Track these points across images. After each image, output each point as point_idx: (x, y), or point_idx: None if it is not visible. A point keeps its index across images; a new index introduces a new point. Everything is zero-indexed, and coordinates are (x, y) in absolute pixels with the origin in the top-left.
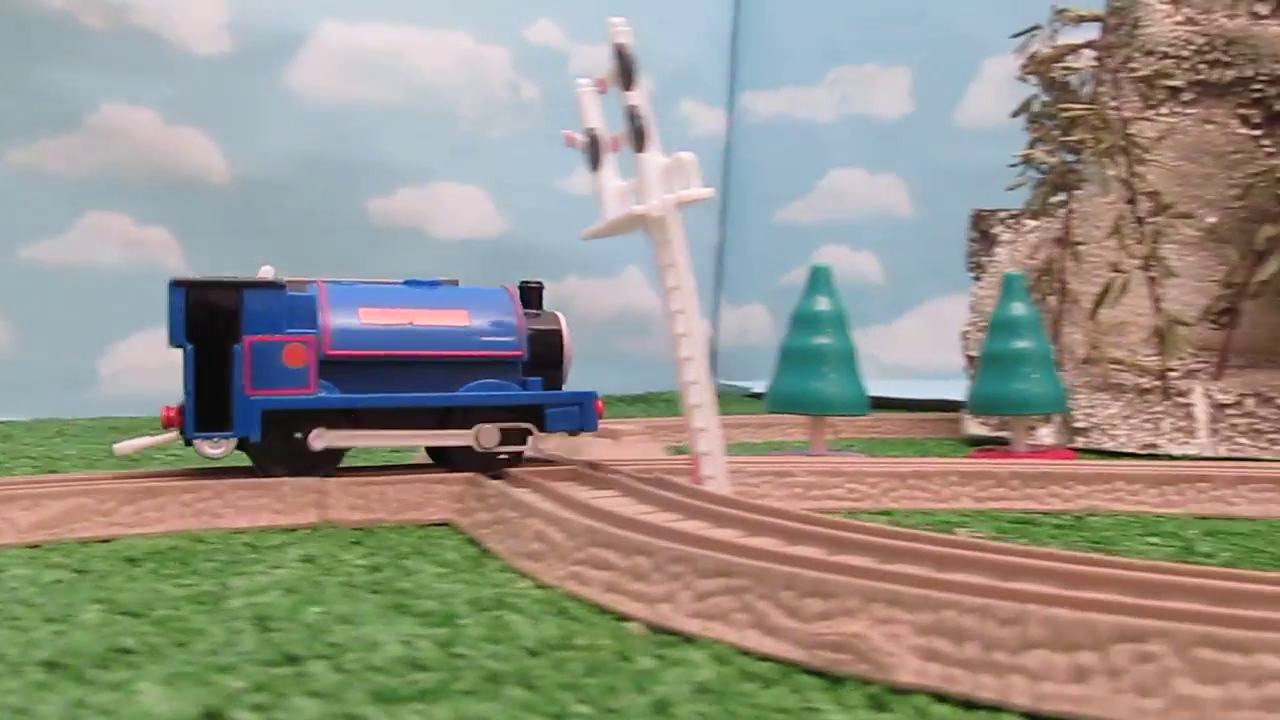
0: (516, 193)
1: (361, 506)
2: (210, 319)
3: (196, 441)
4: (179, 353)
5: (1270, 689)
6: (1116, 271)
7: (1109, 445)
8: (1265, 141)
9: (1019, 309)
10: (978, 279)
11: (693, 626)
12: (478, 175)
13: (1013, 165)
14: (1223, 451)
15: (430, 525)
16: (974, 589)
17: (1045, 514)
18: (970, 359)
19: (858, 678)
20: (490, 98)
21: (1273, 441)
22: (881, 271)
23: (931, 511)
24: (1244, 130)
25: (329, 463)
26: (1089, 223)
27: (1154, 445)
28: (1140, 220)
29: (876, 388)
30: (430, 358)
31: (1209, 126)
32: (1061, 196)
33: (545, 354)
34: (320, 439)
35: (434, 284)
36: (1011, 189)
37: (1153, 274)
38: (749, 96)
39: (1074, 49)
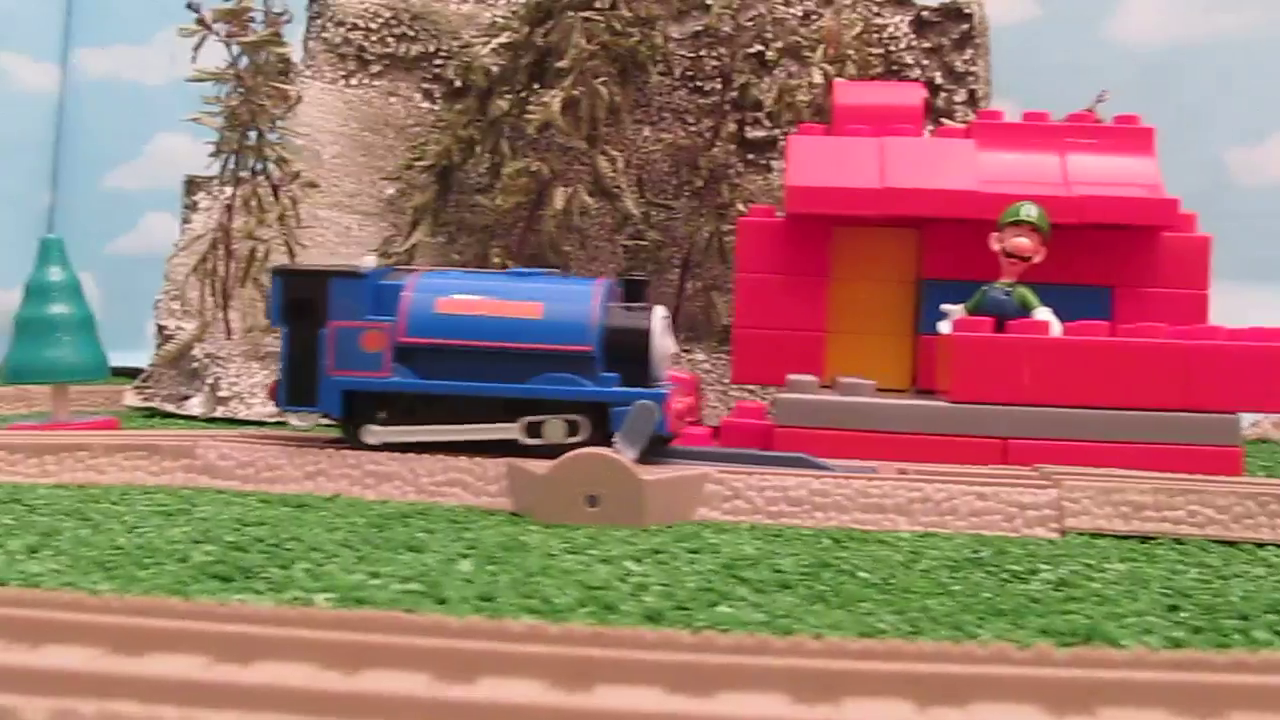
0: None
1: None
2: (302, 304)
3: (287, 413)
4: None
5: None
6: (252, 239)
7: (245, 414)
8: (444, 116)
9: (56, 274)
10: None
11: None
12: None
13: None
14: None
15: None
16: None
17: None
18: (160, 328)
19: None
20: None
21: None
22: None
23: None
24: (426, 104)
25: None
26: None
27: (282, 414)
28: (275, 189)
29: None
30: (499, 349)
31: (393, 99)
32: (253, 163)
33: (624, 350)
34: (370, 435)
35: (533, 274)
36: (213, 155)
37: (288, 241)
38: (82, 53)
39: (245, 13)
